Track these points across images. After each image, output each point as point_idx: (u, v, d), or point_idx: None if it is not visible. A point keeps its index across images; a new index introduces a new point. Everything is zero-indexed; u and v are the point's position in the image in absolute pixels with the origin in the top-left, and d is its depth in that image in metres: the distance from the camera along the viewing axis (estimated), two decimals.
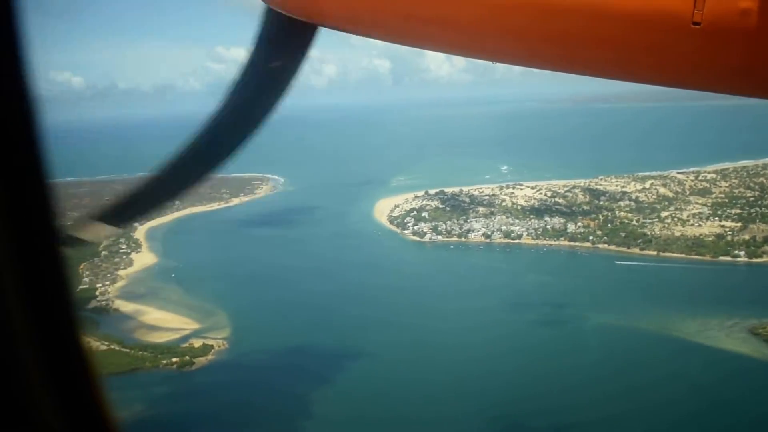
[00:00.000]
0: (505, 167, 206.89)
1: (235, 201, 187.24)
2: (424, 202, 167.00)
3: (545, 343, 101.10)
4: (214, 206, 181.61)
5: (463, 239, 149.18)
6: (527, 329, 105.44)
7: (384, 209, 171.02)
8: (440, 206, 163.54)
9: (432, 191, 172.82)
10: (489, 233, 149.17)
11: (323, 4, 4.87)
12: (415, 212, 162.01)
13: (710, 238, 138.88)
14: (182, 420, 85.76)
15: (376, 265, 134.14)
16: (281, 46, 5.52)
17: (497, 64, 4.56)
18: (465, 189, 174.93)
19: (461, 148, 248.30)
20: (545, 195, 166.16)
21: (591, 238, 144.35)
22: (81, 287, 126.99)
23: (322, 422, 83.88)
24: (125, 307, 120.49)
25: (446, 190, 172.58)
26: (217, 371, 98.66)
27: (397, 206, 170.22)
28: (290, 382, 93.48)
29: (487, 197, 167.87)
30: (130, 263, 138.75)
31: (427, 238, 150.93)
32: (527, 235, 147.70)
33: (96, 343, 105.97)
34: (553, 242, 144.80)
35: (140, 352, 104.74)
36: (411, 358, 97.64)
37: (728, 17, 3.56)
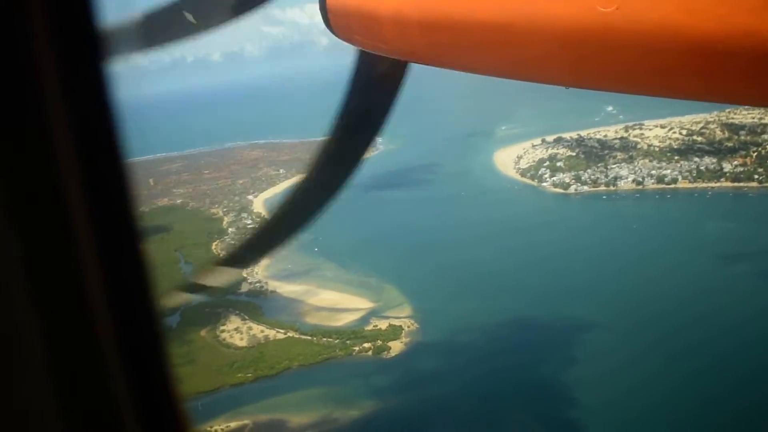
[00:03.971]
0: (610, 107, 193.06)
1: None
2: (552, 151, 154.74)
3: None
4: None
5: (612, 188, 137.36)
6: (758, 283, 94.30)
7: (506, 161, 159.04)
8: (571, 154, 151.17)
9: (549, 138, 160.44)
10: (640, 179, 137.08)
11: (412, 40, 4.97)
12: (547, 162, 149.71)
13: None
14: (432, 417, 75.37)
15: (533, 223, 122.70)
16: (374, 88, 6.12)
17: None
18: (583, 134, 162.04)
19: (551, 92, 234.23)
20: (679, 134, 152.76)
21: (756, 177, 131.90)
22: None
23: (605, 407, 73.43)
24: (282, 288, 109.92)
25: (564, 136, 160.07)
26: (426, 356, 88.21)
27: (520, 157, 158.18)
28: (527, 362, 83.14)
29: (617, 140, 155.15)
30: None
31: (571, 189, 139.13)
32: (682, 178, 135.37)
33: (271, 332, 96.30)
34: (714, 184, 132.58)
35: (324, 339, 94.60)
36: (650, 327, 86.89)
37: None
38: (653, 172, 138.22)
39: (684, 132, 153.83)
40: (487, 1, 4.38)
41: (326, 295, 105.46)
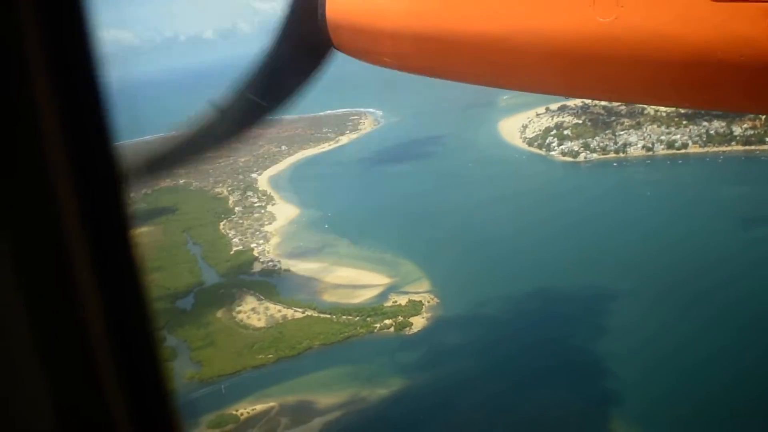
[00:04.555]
0: None
1: (344, 139, 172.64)
2: (558, 119, 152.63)
3: None
4: (325, 147, 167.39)
5: (621, 155, 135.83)
6: None
7: (511, 131, 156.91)
8: (578, 122, 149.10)
9: (553, 107, 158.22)
10: (649, 145, 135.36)
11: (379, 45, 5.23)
12: (554, 131, 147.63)
13: None
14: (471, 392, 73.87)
15: (546, 193, 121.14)
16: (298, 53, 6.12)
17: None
18: (588, 101, 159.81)
19: None
20: None
21: None
22: (236, 249, 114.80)
23: (639, 379, 72.16)
24: (296, 266, 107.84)
25: (568, 104, 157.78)
26: (450, 331, 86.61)
27: (525, 126, 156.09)
28: (556, 334, 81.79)
29: (623, 107, 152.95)
30: (273, 217, 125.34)
31: (581, 157, 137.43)
32: (692, 143, 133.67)
33: (288, 311, 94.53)
34: (725, 148, 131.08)
35: (344, 317, 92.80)
36: (676, 294, 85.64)
37: None
38: (662, 137, 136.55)
39: None
40: (488, 14, 4.40)
41: (342, 272, 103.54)
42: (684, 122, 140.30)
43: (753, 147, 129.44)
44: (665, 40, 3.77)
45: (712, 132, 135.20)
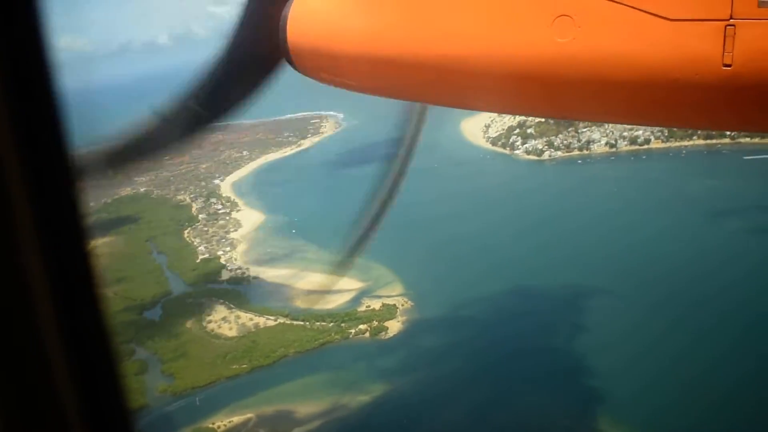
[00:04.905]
0: None
1: (306, 143, 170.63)
2: (521, 118, 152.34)
3: None
4: (288, 151, 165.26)
5: (585, 152, 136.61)
6: (751, 239, 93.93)
7: (474, 131, 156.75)
8: (541, 120, 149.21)
9: None
10: (613, 142, 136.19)
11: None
12: (517, 129, 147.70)
13: None
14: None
15: (513, 192, 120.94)
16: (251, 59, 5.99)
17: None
18: None
19: None
20: None
21: (729, 132, 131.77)
22: (203, 257, 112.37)
23: (620, 373, 71.87)
24: (265, 273, 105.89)
25: None
26: (428, 334, 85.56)
27: (488, 126, 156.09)
28: (534, 333, 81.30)
29: None
30: (238, 224, 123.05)
31: (545, 155, 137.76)
32: (655, 138, 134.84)
33: (260, 319, 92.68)
34: (687, 143, 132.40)
35: (318, 323, 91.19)
36: (653, 289, 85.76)
37: (759, 57, 3.58)
38: (625, 133, 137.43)
39: None
40: (446, 36, 4.45)
41: (313, 278, 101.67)
42: None
43: (714, 141, 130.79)
44: (622, 60, 3.84)
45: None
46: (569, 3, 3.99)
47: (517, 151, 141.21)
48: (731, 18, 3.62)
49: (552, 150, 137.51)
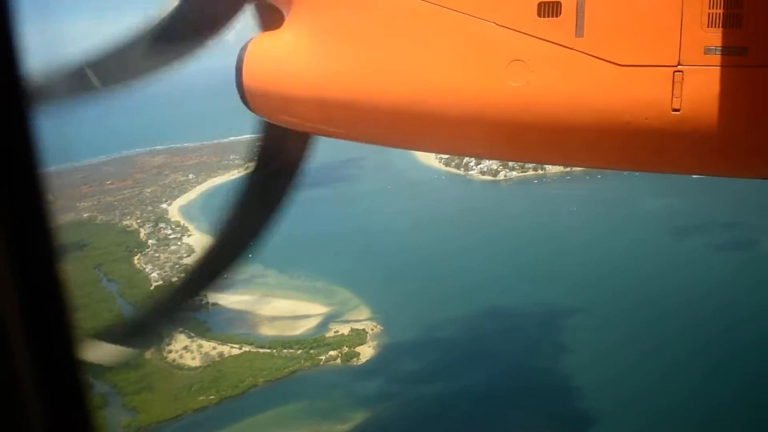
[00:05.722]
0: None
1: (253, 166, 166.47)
2: None
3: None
4: (235, 174, 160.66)
5: (540, 171, 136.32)
6: (718, 257, 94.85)
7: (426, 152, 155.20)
8: None
9: None
10: None
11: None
12: None
13: None
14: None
15: (470, 214, 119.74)
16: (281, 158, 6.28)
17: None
18: None
19: None
20: None
21: None
22: (156, 284, 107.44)
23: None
24: (224, 300, 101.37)
25: None
26: (403, 357, 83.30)
27: None
28: (512, 351, 79.89)
29: None
30: (191, 249, 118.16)
31: (501, 176, 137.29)
32: None
33: (224, 348, 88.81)
34: None
35: (285, 351, 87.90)
36: (626, 308, 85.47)
37: (705, 102, 3.74)
38: None
39: None
40: (401, 79, 4.49)
41: (277, 304, 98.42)
42: None
43: None
44: (575, 104, 3.92)
45: None
46: (523, 48, 4.00)
47: (471, 172, 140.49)
48: (679, 64, 3.73)
49: (507, 170, 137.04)
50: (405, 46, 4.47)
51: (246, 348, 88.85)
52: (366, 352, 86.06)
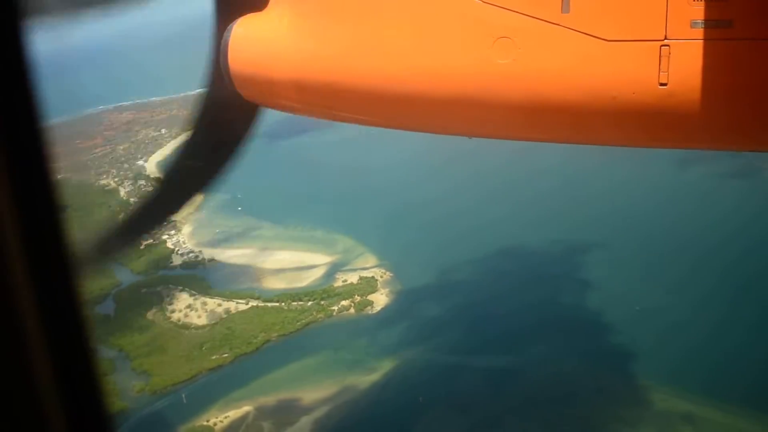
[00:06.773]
0: None
1: None
2: None
3: None
4: None
5: None
6: (724, 185, 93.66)
7: None
8: None
9: None
10: None
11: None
12: None
13: None
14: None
15: (460, 152, 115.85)
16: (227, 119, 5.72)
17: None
18: None
19: None
20: None
21: None
22: (146, 242, 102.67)
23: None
24: (221, 255, 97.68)
25: None
26: (421, 302, 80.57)
27: None
28: (544, 291, 77.72)
29: None
30: None
31: None
32: None
33: (229, 304, 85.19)
34: None
35: (294, 303, 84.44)
36: (641, 240, 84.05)
37: (692, 76, 3.69)
38: None
39: None
40: (385, 58, 4.41)
41: (278, 256, 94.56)
42: None
43: None
44: (561, 80, 3.88)
45: None
46: (509, 25, 3.96)
47: None
48: (666, 38, 3.69)
49: None
50: (390, 26, 4.35)
51: (253, 303, 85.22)
52: (380, 300, 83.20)
